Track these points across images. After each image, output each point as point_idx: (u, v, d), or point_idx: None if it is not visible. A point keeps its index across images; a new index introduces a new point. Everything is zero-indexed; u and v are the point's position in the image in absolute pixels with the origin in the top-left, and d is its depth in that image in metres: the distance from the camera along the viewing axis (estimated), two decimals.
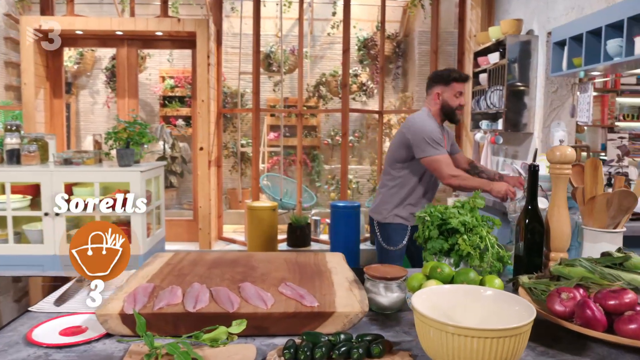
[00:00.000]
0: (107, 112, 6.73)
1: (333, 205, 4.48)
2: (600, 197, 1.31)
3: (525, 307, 0.92)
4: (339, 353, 0.90)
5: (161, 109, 6.70)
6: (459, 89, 2.52)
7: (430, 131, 2.45)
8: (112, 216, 3.28)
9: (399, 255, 2.56)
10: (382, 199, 2.60)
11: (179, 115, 6.71)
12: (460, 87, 2.53)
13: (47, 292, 1.35)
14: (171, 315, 1.01)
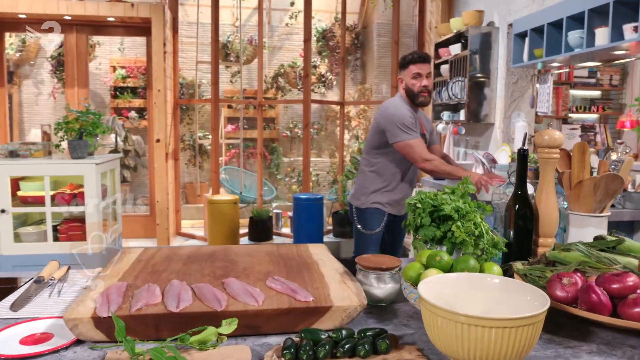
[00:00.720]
0: (54, 103, 6.32)
1: (296, 198, 4.40)
2: (588, 181, 1.30)
3: (536, 294, 0.88)
4: (344, 351, 0.84)
5: (112, 100, 6.36)
6: (415, 71, 2.45)
7: (401, 116, 2.43)
8: (65, 212, 3.07)
9: (375, 239, 2.57)
10: (361, 184, 2.60)
11: (131, 107, 6.40)
12: (417, 69, 2.45)
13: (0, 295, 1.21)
14: (152, 317, 0.91)
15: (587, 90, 4.62)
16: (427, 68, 2.47)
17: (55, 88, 6.29)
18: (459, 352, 0.82)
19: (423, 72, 2.44)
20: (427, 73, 2.47)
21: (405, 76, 2.49)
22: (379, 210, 2.54)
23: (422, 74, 2.43)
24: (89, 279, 1.27)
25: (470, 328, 0.79)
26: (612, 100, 4.68)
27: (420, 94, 2.45)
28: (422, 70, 2.44)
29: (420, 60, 2.46)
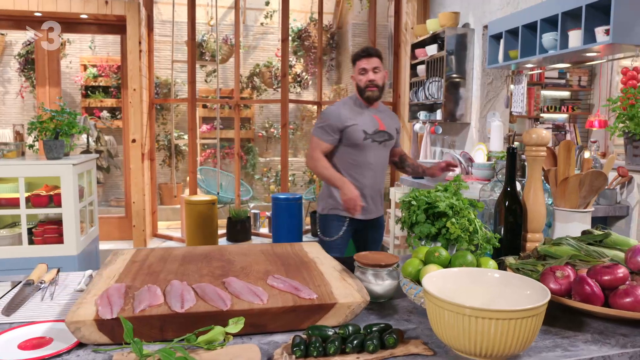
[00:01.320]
0: (21, 102, 6.13)
1: (274, 198, 4.39)
2: (573, 177, 1.35)
3: (535, 288, 0.91)
4: (353, 346, 0.85)
5: (83, 100, 6.21)
6: (361, 66, 2.36)
7: (328, 113, 2.38)
8: (40, 215, 2.98)
9: (337, 246, 2.42)
10: (322, 189, 2.54)
11: (103, 106, 6.26)
12: (363, 64, 2.36)
13: None
14: (157, 318, 0.90)
15: (557, 90, 4.78)
16: (373, 62, 2.36)
17: (22, 87, 6.09)
18: (465, 344, 0.84)
19: (368, 67, 2.34)
20: (374, 67, 2.35)
21: (355, 71, 2.43)
22: (337, 216, 2.40)
23: (367, 68, 2.34)
24: (81, 281, 1.24)
25: (475, 320, 0.81)
26: (580, 101, 4.85)
27: (367, 88, 2.35)
28: (368, 65, 2.35)
29: (364, 55, 2.38)
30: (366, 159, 2.39)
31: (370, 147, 2.38)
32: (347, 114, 2.37)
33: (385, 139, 2.42)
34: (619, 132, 2.41)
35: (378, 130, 2.39)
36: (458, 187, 1.31)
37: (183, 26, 5.89)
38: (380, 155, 2.42)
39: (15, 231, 2.91)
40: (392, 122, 2.49)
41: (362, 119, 2.37)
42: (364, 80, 2.34)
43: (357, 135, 2.34)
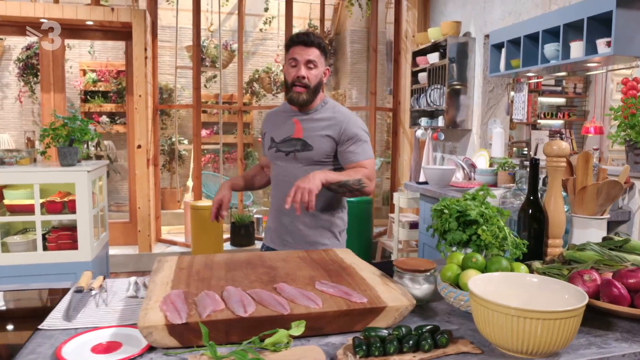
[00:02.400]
0: (20, 107, 6.11)
1: None
2: (591, 187, 1.44)
3: (572, 291, 0.99)
4: (409, 346, 0.92)
5: (82, 105, 6.22)
6: (293, 55, 1.80)
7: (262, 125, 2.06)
8: (54, 221, 3.01)
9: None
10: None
11: (102, 111, 6.27)
12: (295, 53, 1.80)
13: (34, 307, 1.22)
14: (223, 322, 0.96)
15: (553, 97, 4.91)
16: (309, 54, 1.79)
17: (21, 92, 6.08)
18: (511, 343, 0.91)
19: (301, 59, 1.78)
20: (308, 61, 1.78)
21: (285, 63, 1.87)
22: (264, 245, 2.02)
23: (299, 60, 1.78)
24: (129, 288, 1.29)
25: (522, 320, 0.89)
26: (576, 107, 4.98)
27: (293, 87, 1.80)
28: (301, 55, 1.78)
29: (300, 41, 1.80)
30: (274, 173, 1.94)
31: (276, 159, 1.90)
32: (270, 118, 2.00)
33: (296, 149, 1.83)
34: (621, 140, 2.52)
35: (289, 137, 1.85)
36: (485, 196, 1.38)
37: (182, 32, 5.94)
38: (290, 171, 1.85)
39: (29, 237, 2.94)
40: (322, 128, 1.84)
41: (278, 124, 1.91)
42: (293, 74, 1.80)
43: (266, 142, 1.96)
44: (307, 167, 1.83)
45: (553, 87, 4.82)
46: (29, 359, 0.93)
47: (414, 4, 4.70)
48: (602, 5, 2.57)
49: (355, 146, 1.84)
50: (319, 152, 1.83)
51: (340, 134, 1.83)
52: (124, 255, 4.33)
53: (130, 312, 1.15)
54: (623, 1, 2.49)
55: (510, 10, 3.54)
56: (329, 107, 1.89)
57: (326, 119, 1.86)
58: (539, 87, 4.54)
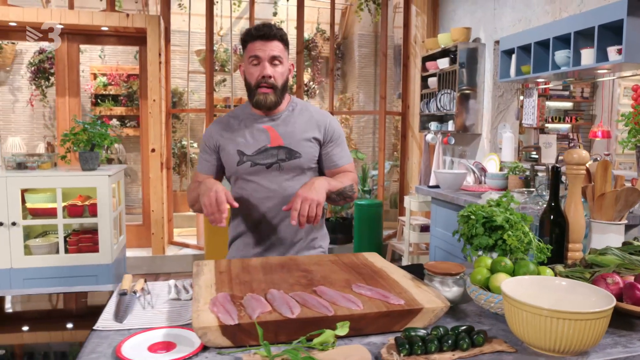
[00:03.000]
0: (31, 111, 6.19)
1: None
2: (610, 193, 1.50)
3: (600, 294, 1.05)
4: (449, 345, 0.98)
5: (93, 108, 6.29)
6: (253, 52, 1.56)
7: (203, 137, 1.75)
8: (74, 224, 3.07)
9: None
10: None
11: (112, 114, 6.35)
12: (256, 48, 1.56)
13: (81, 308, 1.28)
14: (272, 323, 1.02)
15: (561, 101, 4.97)
16: (272, 48, 1.56)
17: (33, 95, 6.16)
18: (544, 342, 0.97)
19: (263, 55, 1.55)
20: (272, 57, 1.56)
21: (244, 62, 1.63)
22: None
23: (262, 57, 1.55)
24: (171, 291, 1.36)
25: (554, 320, 0.95)
26: (583, 112, 5.04)
27: (258, 88, 1.57)
28: (263, 51, 1.55)
29: (259, 35, 1.55)
30: (246, 192, 1.65)
31: (251, 175, 1.64)
32: (222, 127, 1.67)
33: (280, 159, 1.62)
34: (632, 145, 2.58)
35: (265, 147, 1.61)
36: (509, 202, 1.44)
37: (191, 36, 6.01)
38: (273, 186, 1.63)
39: (51, 240, 3.01)
40: (304, 130, 1.66)
41: (241, 133, 1.64)
42: (256, 74, 1.57)
43: (230, 158, 1.64)
44: (295, 177, 1.64)
45: (560, 92, 4.88)
46: (91, 357, 0.99)
47: (423, 9, 4.77)
48: (613, 13, 2.63)
49: (339, 148, 1.71)
50: (308, 158, 1.65)
51: (324, 135, 1.68)
52: (138, 258, 4.40)
53: (176, 314, 1.21)
54: (634, 10, 2.55)
55: (520, 17, 3.60)
56: (301, 106, 1.70)
57: (304, 120, 1.67)
58: (547, 92, 4.60)
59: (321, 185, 1.51)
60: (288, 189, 1.63)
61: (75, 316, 1.27)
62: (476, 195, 3.31)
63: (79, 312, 1.30)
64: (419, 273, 1.36)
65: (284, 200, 1.63)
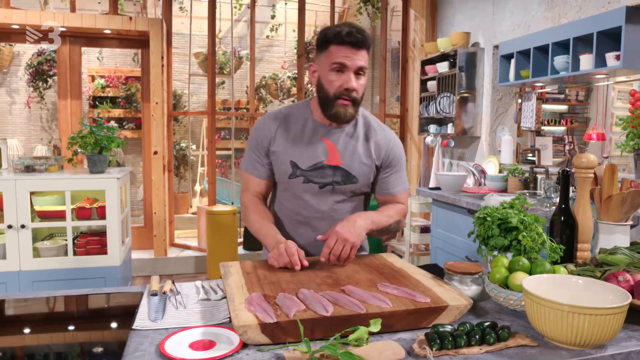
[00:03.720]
0: (28, 113, 6.18)
1: None
2: (617, 196, 1.57)
3: (616, 292, 1.12)
4: (476, 339, 1.04)
5: (91, 110, 6.29)
6: (338, 59, 1.41)
7: (254, 131, 1.59)
8: (82, 226, 3.10)
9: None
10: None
11: (110, 116, 6.35)
12: (343, 55, 1.40)
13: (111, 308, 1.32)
14: (308, 321, 1.07)
15: (556, 104, 5.07)
16: (359, 58, 1.42)
17: (30, 97, 6.15)
18: (564, 336, 1.03)
19: (350, 64, 1.41)
20: (359, 68, 1.43)
21: (321, 62, 1.46)
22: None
23: (349, 65, 1.41)
24: (200, 291, 1.40)
25: (575, 315, 1.01)
26: (578, 114, 5.15)
27: (339, 100, 1.44)
28: (350, 60, 1.41)
29: (349, 42, 1.39)
30: (298, 209, 1.57)
31: (301, 191, 1.55)
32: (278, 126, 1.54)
33: (335, 181, 1.52)
34: (629, 148, 2.67)
35: (321, 164, 1.50)
36: (522, 204, 1.51)
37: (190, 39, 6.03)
38: (318, 206, 1.55)
39: (59, 243, 3.03)
40: (364, 152, 1.55)
41: (297, 142, 1.52)
42: (338, 84, 1.43)
43: (282, 167, 1.54)
44: (346, 200, 1.56)
45: (556, 95, 4.99)
46: (136, 355, 1.03)
47: (422, 14, 4.84)
48: (612, 20, 2.72)
49: (396, 175, 1.59)
50: (363, 183, 1.55)
51: (383, 159, 1.56)
52: (140, 260, 4.42)
53: (209, 314, 1.25)
54: (632, 17, 2.64)
55: (519, 22, 3.69)
56: (364, 122, 1.57)
57: (366, 140, 1.54)
58: (543, 95, 4.70)
59: (363, 225, 1.42)
60: (338, 210, 1.55)
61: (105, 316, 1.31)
62: (477, 197, 3.38)
63: (109, 312, 1.34)
64: (435, 273, 1.42)
65: (330, 222, 1.53)
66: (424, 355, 1.00)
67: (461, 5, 4.45)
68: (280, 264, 1.39)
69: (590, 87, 5.02)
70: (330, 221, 1.55)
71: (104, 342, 1.18)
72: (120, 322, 1.25)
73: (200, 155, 6.51)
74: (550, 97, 4.94)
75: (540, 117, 4.74)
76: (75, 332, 1.21)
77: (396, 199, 1.62)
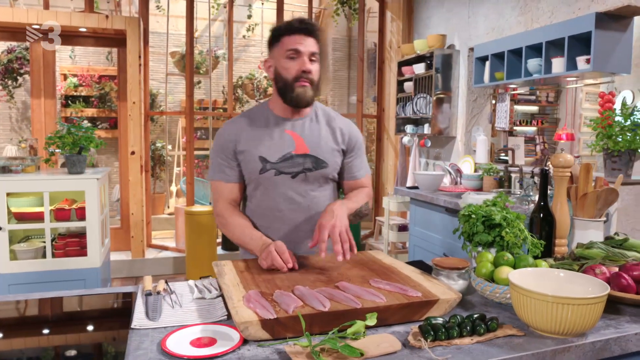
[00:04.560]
0: None
1: None
2: (592, 193, 1.66)
3: (595, 284, 1.19)
4: (468, 331, 1.09)
5: (63, 109, 6.16)
6: (291, 46, 1.49)
7: (217, 139, 1.62)
8: (61, 228, 3.05)
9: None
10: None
11: (83, 116, 6.23)
12: (296, 42, 1.49)
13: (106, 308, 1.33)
14: (307, 317, 1.10)
15: (528, 105, 5.24)
16: (311, 44, 1.51)
17: None
18: (548, 325, 1.10)
19: (304, 50, 1.49)
20: (311, 53, 1.50)
21: (276, 53, 1.54)
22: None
23: (302, 51, 1.49)
24: (194, 290, 1.41)
25: (559, 306, 1.07)
26: (548, 115, 5.33)
27: (297, 82, 1.50)
28: (304, 45, 1.49)
29: (298, 29, 1.50)
30: (272, 204, 1.59)
31: (278, 184, 1.57)
32: (240, 129, 1.58)
33: (306, 168, 1.57)
34: (599, 148, 2.79)
35: (290, 154, 1.56)
36: (504, 202, 1.58)
37: (165, 37, 5.97)
38: (301, 198, 1.59)
39: (36, 245, 2.97)
40: (328, 138, 1.61)
41: (263, 138, 1.56)
42: (295, 68, 1.49)
43: (251, 165, 1.56)
44: (319, 187, 1.61)
45: (528, 96, 5.15)
46: (138, 354, 1.04)
47: (398, 16, 4.93)
48: (582, 25, 2.84)
49: (359, 159, 1.67)
50: (333, 168, 1.60)
51: (347, 144, 1.63)
52: (118, 261, 4.36)
53: (205, 312, 1.27)
54: (601, 23, 2.77)
55: (493, 26, 3.80)
56: (323, 112, 1.64)
57: (329, 127, 1.61)
58: (515, 97, 4.85)
59: (341, 213, 1.45)
60: (314, 199, 1.58)
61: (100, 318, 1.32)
62: (454, 195, 3.47)
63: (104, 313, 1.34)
64: (421, 269, 1.47)
65: (309, 211, 1.60)
66: (419, 346, 1.05)
67: (437, 8, 4.55)
68: (269, 264, 1.41)
69: (560, 88, 5.20)
70: (305, 213, 1.60)
71: (100, 343, 1.18)
72: (117, 322, 1.26)
73: (177, 156, 6.45)
74: (522, 98, 5.10)
75: (513, 117, 4.89)
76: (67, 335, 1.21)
77: (361, 183, 1.69)
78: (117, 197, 5.30)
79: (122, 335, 1.14)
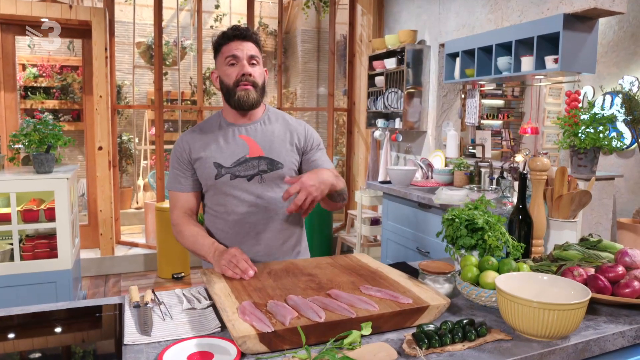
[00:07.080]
0: None
1: None
2: (567, 195, 1.73)
3: (577, 288, 1.25)
4: (459, 337, 1.13)
5: (22, 101, 5.89)
6: (230, 52, 1.56)
7: (173, 150, 1.67)
8: (29, 229, 2.94)
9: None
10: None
11: (44, 108, 5.98)
12: (233, 48, 1.56)
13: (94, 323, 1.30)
14: (303, 328, 1.11)
15: (494, 99, 5.37)
16: (249, 48, 1.58)
17: None
18: (534, 329, 1.15)
19: (241, 55, 1.55)
20: (250, 56, 1.57)
21: (219, 64, 1.61)
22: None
23: (240, 56, 1.55)
24: (183, 301, 1.40)
25: (544, 311, 1.13)
26: (513, 109, 5.49)
27: (238, 86, 1.56)
28: (241, 50, 1.56)
29: (235, 36, 1.57)
30: (231, 208, 1.62)
31: (231, 189, 1.60)
32: (194, 139, 1.63)
33: (261, 170, 1.60)
34: (566, 145, 2.90)
35: (244, 158, 1.59)
36: (486, 205, 1.63)
37: (129, 27, 5.79)
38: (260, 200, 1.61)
39: (3, 247, 2.86)
40: (282, 139, 1.65)
41: (217, 145, 1.61)
42: (235, 73, 1.56)
43: (206, 171, 1.60)
44: (276, 188, 1.62)
45: (494, 91, 5.28)
46: None
47: (369, 9, 4.94)
48: (551, 26, 2.92)
49: (320, 153, 1.70)
50: (289, 167, 1.63)
51: (304, 143, 1.68)
52: (86, 260, 4.24)
53: (198, 323, 1.26)
54: (569, 24, 2.86)
55: (464, 22, 3.87)
56: (276, 115, 1.70)
57: (282, 128, 1.66)
58: (483, 91, 4.96)
59: (327, 180, 1.45)
60: (271, 200, 1.61)
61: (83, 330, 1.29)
62: (426, 190, 3.54)
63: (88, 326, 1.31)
64: (403, 271, 1.50)
65: (267, 212, 1.62)
66: (415, 355, 1.08)
67: (407, 4, 4.58)
68: (229, 273, 1.41)
69: (525, 83, 5.36)
70: (265, 215, 1.62)
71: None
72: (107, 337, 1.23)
73: (143, 150, 6.30)
74: (489, 92, 5.23)
75: (480, 111, 5.01)
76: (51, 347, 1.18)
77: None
78: (82, 192, 5.14)
79: (112, 350, 1.12)
